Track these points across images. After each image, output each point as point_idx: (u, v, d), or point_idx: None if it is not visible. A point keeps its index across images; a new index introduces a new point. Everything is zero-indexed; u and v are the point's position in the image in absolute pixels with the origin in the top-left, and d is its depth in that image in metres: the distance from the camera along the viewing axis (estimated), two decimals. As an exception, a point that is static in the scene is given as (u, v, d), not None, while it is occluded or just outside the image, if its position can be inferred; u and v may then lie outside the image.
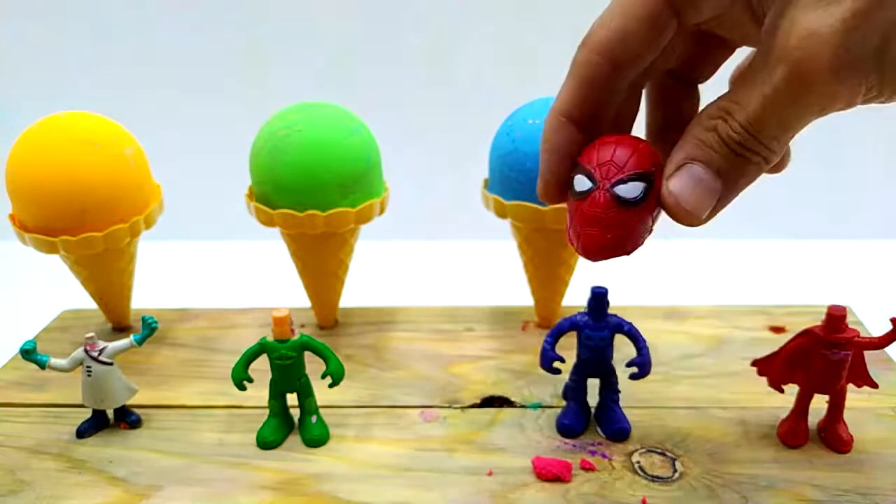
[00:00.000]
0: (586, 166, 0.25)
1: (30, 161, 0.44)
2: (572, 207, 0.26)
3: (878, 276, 0.66)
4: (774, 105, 0.21)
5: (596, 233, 0.25)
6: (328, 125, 0.45)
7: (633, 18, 0.23)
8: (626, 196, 0.24)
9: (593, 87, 0.24)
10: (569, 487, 0.37)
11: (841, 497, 0.35)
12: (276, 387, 0.41)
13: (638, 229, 0.25)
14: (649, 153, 0.25)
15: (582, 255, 0.26)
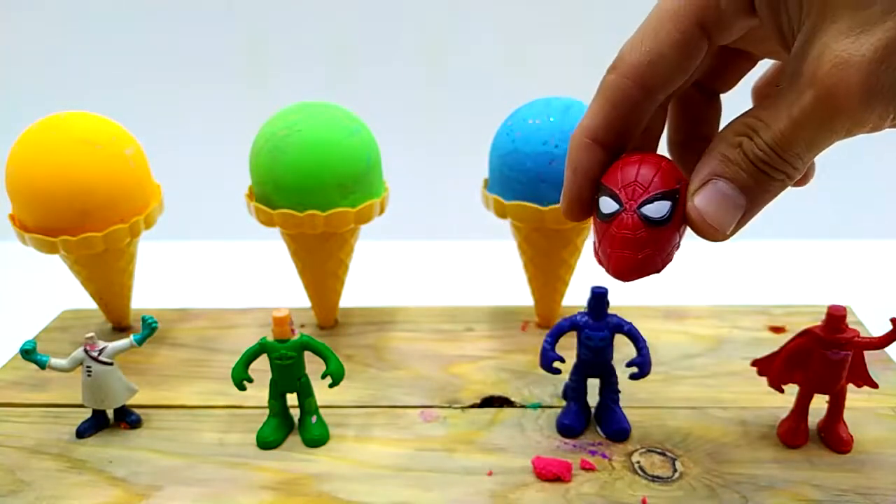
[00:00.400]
0: (611, 188, 0.25)
1: (30, 161, 0.44)
2: (600, 229, 0.26)
3: (878, 276, 0.67)
4: (802, 127, 0.21)
5: (627, 255, 0.25)
6: (328, 125, 0.45)
7: (664, 43, 0.23)
8: (653, 216, 0.24)
9: (623, 110, 0.24)
10: (569, 487, 0.37)
11: (841, 497, 0.35)
12: (276, 387, 0.41)
13: (667, 247, 0.25)
14: (672, 171, 0.25)
15: (614, 276, 0.26)
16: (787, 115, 0.21)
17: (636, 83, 0.24)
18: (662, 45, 0.23)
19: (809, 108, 0.20)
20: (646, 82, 0.24)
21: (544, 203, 0.45)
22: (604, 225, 0.25)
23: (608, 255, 0.26)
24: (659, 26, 0.23)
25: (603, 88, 0.25)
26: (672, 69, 0.23)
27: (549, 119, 0.44)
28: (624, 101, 0.24)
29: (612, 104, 0.24)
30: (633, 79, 0.24)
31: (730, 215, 0.23)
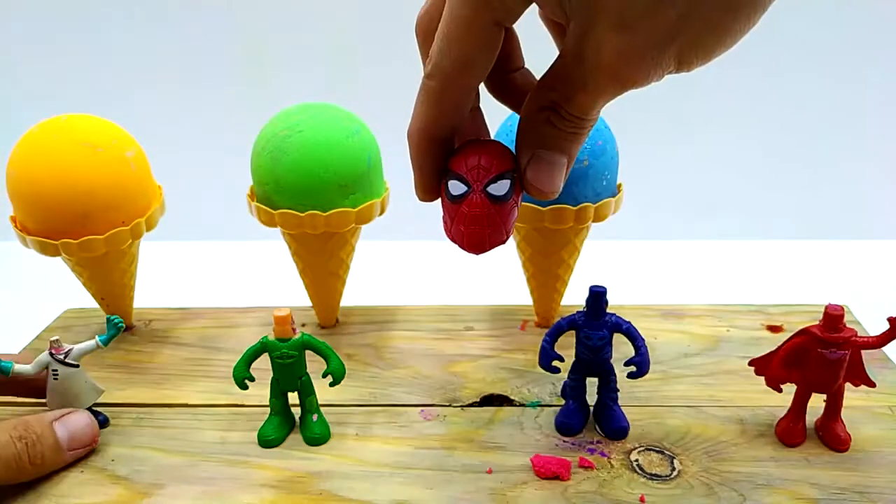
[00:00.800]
0: (459, 172, 0.28)
1: (30, 164, 0.44)
2: (451, 210, 0.29)
3: (876, 276, 0.67)
4: (596, 99, 0.25)
5: (479, 230, 0.28)
6: (329, 126, 0.45)
7: (470, 47, 0.25)
8: (496, 193, 0.28)
9: (448, 109, 0.28)
10: (567, 486, 0.37)
11: (838, 495, 0.36)
12: (278, 385, 0.41)
13: (509, 220, 0.29)
14: (506, 153, 0.29)
15: (468, 251, 0.29)
16: (584, 92, 0.25)
17: (454, 85, 0.27)
18: (468, 49, 0.25)
19: (601, 87, 0.25)
20: (463, 83, 0.27)
21: (543, 203, 0.45)
22: (454, 206, 0.29)
23: (461, 233, 0.29)
24: (460, 35, 0.25)
25: (426, 94, 0.27)
26: (482, 66, 0.26)
27: (549, 120, 0.45)
28: (447, 102, 0.27)
29: (438, 107, 0.27)
30: (451, 83, 0.27)
31: (557, 176, 0.28)
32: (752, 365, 0.40)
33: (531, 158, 0.27)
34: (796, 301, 0.55)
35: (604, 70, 0.24)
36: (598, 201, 0.45)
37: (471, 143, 0.29)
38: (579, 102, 0.26)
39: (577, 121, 0.26)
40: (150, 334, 0.53)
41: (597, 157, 0.44)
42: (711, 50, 0.24)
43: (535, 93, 0.27)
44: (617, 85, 0.25)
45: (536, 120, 0.27)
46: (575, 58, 0.24)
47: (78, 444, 0.38)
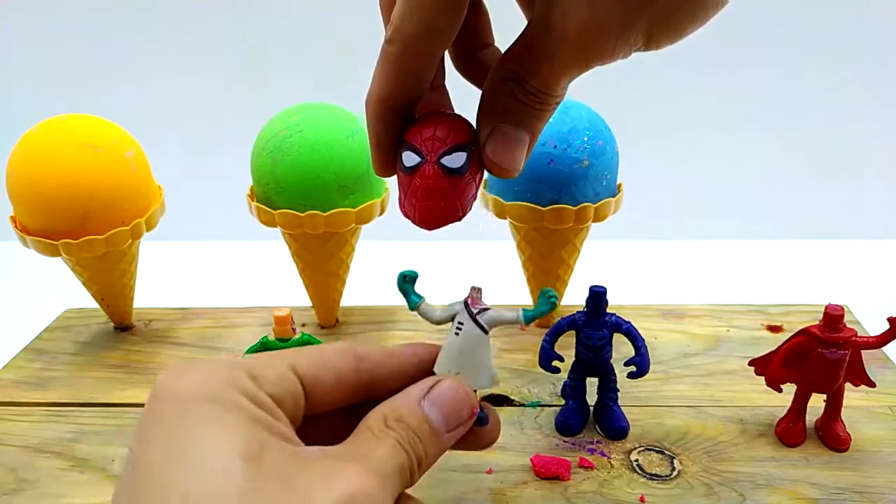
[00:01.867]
0: (413, 143, 0.27)
1: (31, 164, 0.44)
2: (404, 182, 0.28)
3: (876, 276, 0.67)
4: (562, 73, 0.24)
5: (430, 203, 0.27)
6: (329, 126, 0.45)
7: (432, 12, 0.24)
8: (451, 166, 0.26)
9: (408, 76, 0.26)
10: (567, 485, 0.37)
11: (838, 495, 0.36)
12: None
13: (466, 195, 0.27)
14: (465, 125, 0.27)
15: (420, 225, 0.28)
16: (548, 65, 0.24)
17: (415, 52, 0.25)
18: (431, 14, 0.24)
19: (567, 60, 0.24)
20: (424, 49, 0.25)
21: (543, 203, 0.45)
22: (407, 178, 0.27)
23: (413, 206, 0.27)
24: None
25: (385, 59, 0.26)
26: (445, 33, 0.25)
27: (549, 120, 0.45)
28: (407, 69, 0.26)
29: (398, 73, 0.26)
30: (412, 49, 0.25)
31: (518, 153, 0.26)
32: (752, 365, 0.40)
33: (492, 132, 0.26)
34: (796, 301, 0.55)
35: (569, 41, 0.23)
36: (598, 201, 0.45)
37: (429, 115, 0.28)
38: (544, 75, 0.25)
39: (542, 95, 0.25)
40: (150, 334, 0.53)
41: (597, 157, 0.44)
42: (682, 27, 0.23)
43: (499, 64, 0.26)
44: (581, 58, 0.24)
45: (499, 91, 0.26)
46: (541, 28, 0.24)
47: (456, 422, 0.28)
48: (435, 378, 0.29)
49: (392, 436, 0.25)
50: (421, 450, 0.26)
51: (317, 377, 0.26)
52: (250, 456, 0.21)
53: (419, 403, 0.27)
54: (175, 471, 0.21)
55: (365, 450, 0.25)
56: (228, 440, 0.21)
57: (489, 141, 0.26)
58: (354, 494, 0.22)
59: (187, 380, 0.23)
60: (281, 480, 0.21)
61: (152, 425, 0.22)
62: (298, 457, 0.23)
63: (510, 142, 0.26)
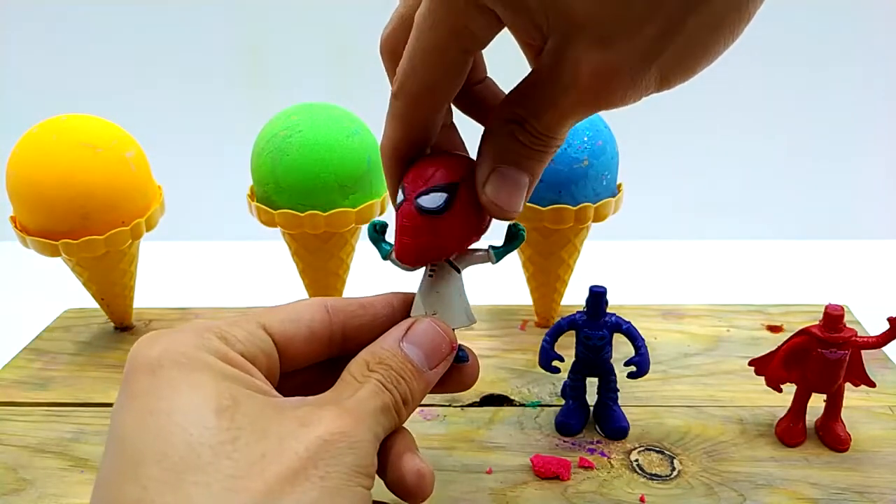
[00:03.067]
0: (403, 183, 0.28)
1: (30, 164, 0.44)
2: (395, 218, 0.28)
3: (876, 276, 0.67)
4: (567, 118, 0.24)
5: (407, 241, 0.28)
6: (329, 126, 0.45)
7: (436, 71, 0.25)
8: (427, 206, 0.27)
9: (415, 128, 0.27)
10: (567, 485, 0.37)
11: (838, 495, 0.36)
12: None
13: (451, 234, 0.28)
14: (455, 167, 0.27)
15: (398, 259, 0.29)
16: (554, 109, 0.24)
17: (420, 107, 0.26)
18: (435, 75, 0.25)
19: (574, 105, 0.24)
20: (429, 104, 0.26)
21: (543, 203, 0.45)
22: (396, 214, 0.28)
23: (395, 241, 0.28)
24: (426, 60, 0.24)
25: (393, 113, 0.27)
26: (448, 90, 0.26)
27: (549, 120, 0.45)
28: (414, 122, 0.27)
29: (405, 125, 0.27)
30: (416, 105, 0.26)
31: (517, 195, 0.26)
32: (752, 365, 0.40)
33: (491, 174, 0.26)
34: (796, 301, 0.55)
35: (579, 89, 0.23)
36: (598, 201, 0.45)
37: (431, 155, 0.28)
38: (548, 120, 0.24)
39: (545, 139, 0.25)
40: (150, 334, 0.53)
41: (597, 157, 0.45)
42: (693, 68, 0.23)
43: (502, 105, 0.26)
44: (591, 104, 0.24)
45: (501, 133, 0.26)
46: (549, 74, 0.23)
47: (437, 359, 0.29)
48: (411, 319, 0.29)
49: (374, 377, 0.26)
50: (405, 388, 0.27)
51: (288, 332, 0.28)
52: (222, 409, 0.22)
53: (399, 344, 0.28)
54: (149, 435, 0.21)
55: (346, 394, 0.26)
56: (199, 397, 0.22)
57: (489, 182, 0.26)
58: (330, 433, 0.23)
59: (156, 347, 0.24)
60: (255, 429, 0.22)
61: (125, 397, 0.23)
62: (274, 406, 0.24)
63: (510, 184, 0.26)
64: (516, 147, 0.25)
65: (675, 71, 0.23)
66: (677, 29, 0.21)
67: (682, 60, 0.23)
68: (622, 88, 0.23)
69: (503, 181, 0.26)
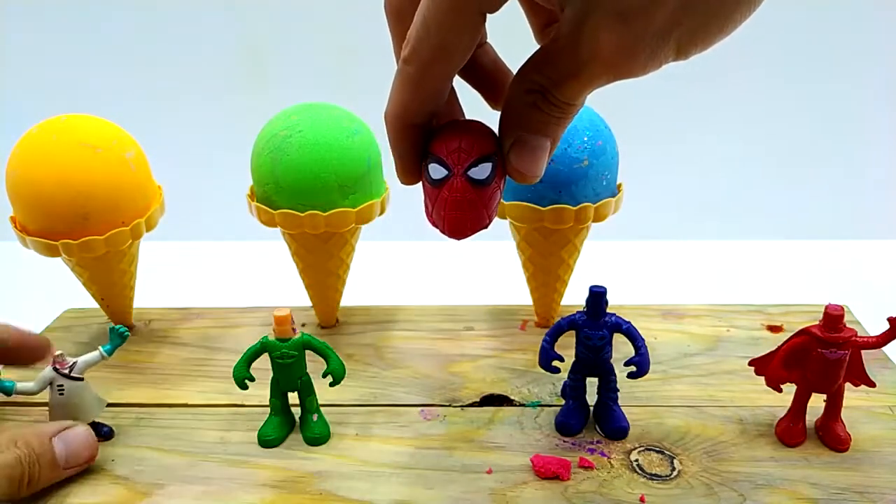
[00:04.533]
0: (440, 155, 0.27)
1: (30, 165, 0.44)
2: (432, 194, 0.28)
3: (876, 276, 0.67)
4: (587, 86, 0.25)
5: (460, 215, 0.27)
6: (329, 126, 0.45)
7: (451, 33, 0.24)
8: (478, 177, 0.27)
9: (427, 94, 0.27)
10: (567, 485, 0.37)
11: (838, 495, 0.36)
12: (278, 386, 0.41)
13: (491, 204, 0.28)
14: (488, 134, 0.28)
15: (449, 235, 0.28)
16: (575, 80, 0.25)
17: (432, 72, 0.26)
18: (450, 36, 0.24)
19: (595, 76, 0.24)
20: (443, 69, 0.26)
21: (543, 203, 0.45)
22: (435, 190, 0.28)
23: (443, 217, 0.28)
24: (442, 21, 0.24)
25: (404, 79, 0.26)
26: (462, 53, 0.25)
27: (549, 120, 0.45)
28: (425, 88, 0.27)
29: (416, 92, 0.27)
30: (429, 69, 0.26)
31: (541, 161, 0.27)
32: (752, 365, 0.40)
33: (515, 142, 0.27)
34: (796, 301, 0.55)
35: (600, 59, 0.23)
36: (598, 201, 0.45)
37: (452, 125, 0.28)
38: (570, 89, 0.25)
39: (565, 106, 0.26)
40: (150, 334, 0.53)
41: (597, 157, 0.44)
42: (712, 38, 0.24)
43: (522, 74, 0.26)
44: (611, 74, 0.24)
45: (522, 102, 0.26)
46: (569, 44, 0.24)
47: (75, 462, 0.37)
48: (71, 422, 0.38)
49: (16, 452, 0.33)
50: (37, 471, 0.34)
51: None
52: None
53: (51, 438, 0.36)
54: None
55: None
56: None
57: (513, 150, 0.27)
58: None
59: None
60: None
61: None
62: None
63: (534, 150, 0.27)
64: (538, 115, 0.26)
65: (693, 41, 0.23)
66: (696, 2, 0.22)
67: (699, 32, 0.23)
68: (642, 60, 0.23)
69: (527, 148, 0.26)
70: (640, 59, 0.23)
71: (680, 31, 0.23)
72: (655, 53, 0.23)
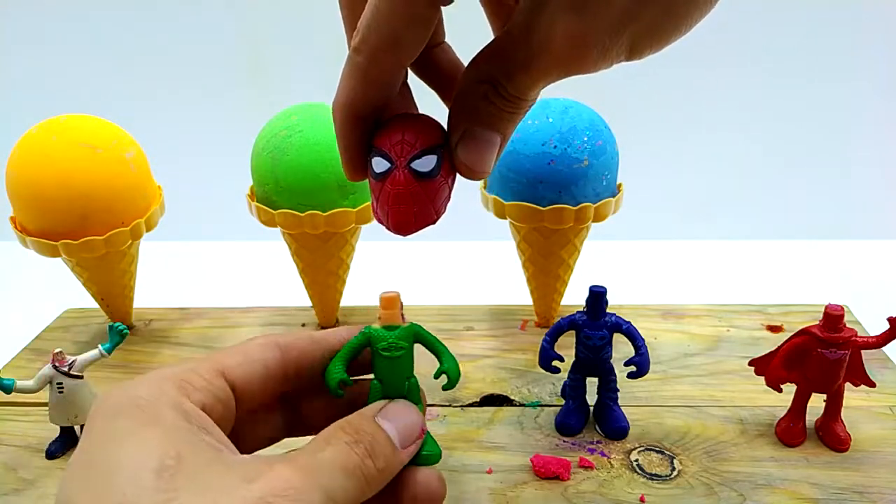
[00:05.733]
0: (382, 148, 0.27)
1: (30, 165, 0.44)
2: (376, 188, 0.27)
3: (876, 276, 0.67)
4: (538, 80, 0.24)
5: (403, 208, 0.26)
6: (329, 126, 0.45)
7: (402, 23, 0.24)
8: (422, 170, 0.26)
9: (376, 85, 0.26)
10: (567, 485, 0.37)
11: (838, 495, 0.36)
12: (380, 390, 0.30)
13: (438, 198, 0.27)
14: (434, 127, 0.27)
15: (394, 231, 0.27)
16: (526, 72, 0.24)
17: (382, 63, 0.25)
18: (400, 27, 0.24)
19: (546, 68, 0.24)
20: (392, 60, 0.25)
21: (543, 203, 0.45)
22: (378, 184, 0.27)
23: (387, 212, 0.27)
24: (392, 10, 0.24)
25: (353, 69, 0.26)
26: (414, 45, 0.25)
27: (548, 120, 0.45)
28: (374, 79, 0.26)
29: (364, 83, 0.26)
30: (380, 59, 0.25)
31: (489, 155, 0.26)
32: (752, 365, 0.40)
33: (463, 134, 0.26)
34: (796, 301, 0.55)
35: (552, 52, 0.23)
36: (598, 201, 0.45)
37: (396, 118, 0.27)
38: (521, 82, 0.24)
39: (516, 100, 0.25)
40: (150, 334, 0.53)
41: (597, 157, 0.45)
42: (666, 37, 0.23)
43: (473, 66, 0.25)
44: (562, 68, 0.24)
45: (473, 94, 0.25)
46: (522, 35, 0.23)
47: (408, 440, 0.29)
48: (385, 400, 0.29)
49: (344, 439, 0.26)
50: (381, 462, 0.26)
51: (245, 375, 0.27)
52: (164, 468, 0.21)
53: (374, 417, 0.28)
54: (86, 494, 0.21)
55: (305, 452, 0.25)
56: (142, 455, 0.22)
57: (461, 143, 0.26)
58: (272, 489, 0.22)
59: (118, 396, 0.24)
60: (194, 488, 0.21)
61: (78, 447, 0.23)
62: (222, 462, 0.23)
63: (482, 144, 0.26)
64: (488, 108, 0.25)
65: (648, 40, 0.23)
66: None
67: (654, 29, 0.23)
68: (593, 55, 0.23)
69: (475, 142, 0.26)
70: (591, 54, 0.23)
71: (634, 28, 0.22)
72: (608, 49, 0.23)
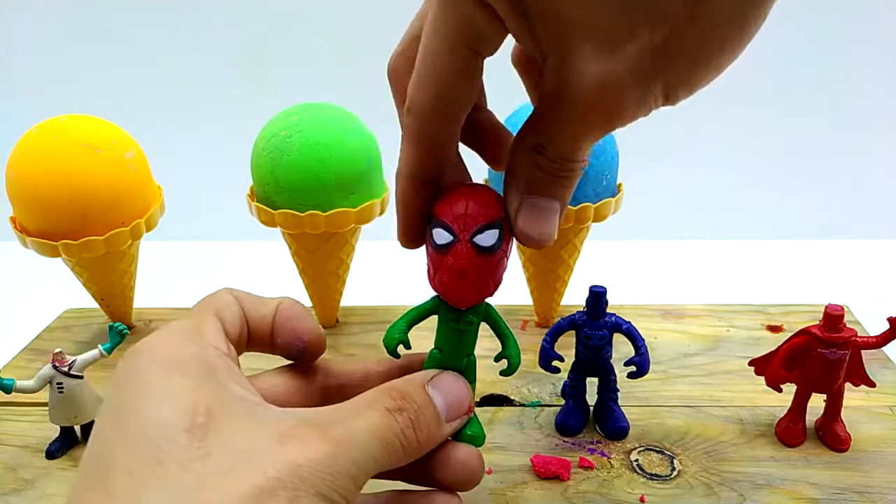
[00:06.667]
0: (444, 220, 0.26)
1: (30, 165, 0.44)
2: (435, 259, 0.27)
3: (876, 276, 0.67)
4: (581, 138, 0.24)
5: (465, 284, 0.26)
6: (329, 126, 0.45)
7: (446, 77, 0.24)
8: (484, 245, 0.26)
9: (431, 146, 0.26)
10: (567, 485, 0.37)
11: (838, 495, 0.36)
12: (438, 360, 0.30)
13: (497, 271, 0.27)
14: (495, 199, 0.27)
15: (452, 304, 0.28)
16: (569, 132, 0.23)
17: (435, 120, 0.25)
18: (446, 80, 0.24)
19: (583, 120, 0.23)
20: (442, 117, 0.25)
21: (543, 203, 0.45)
22: (439, 256, 0.27)
23: (445, 285, 0.27)
24: (436, 63, 0.24)
25: (407, 132, 0.26)
26: (460, 98, 0.25)
27: (548, 120, 0.45)
28: (430, 139, 0.26)
29: (420, 145, 0.26)
30: (430, 118, 0.25)
31: (550, 223, 0.26)
32: (752, 365, 0.40)
33: (521, 205, 0.25)
34: (796, 301, 0.55)
35: (585, 101, 0.22)
36: (598, 201, 0.45)
37: (457, 188, 0.27)
38: (562, 140, 0.24)
39: (564, 162, 0.25)
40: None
41: (597, 157, 0.44)
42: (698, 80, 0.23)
43: (519, 136, 0.25)
44: (600, 117, 0.23)
45: (523, 163, 0.25)
46: (555, 93, 0.23)
47: (455, 414, 0.28)
48: (436, 370, 0.29)
49: (388, 404, 0.25)
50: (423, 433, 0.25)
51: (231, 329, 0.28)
52: (196, 426, 0.21)
53: (425, 385, 0.27)
54: (120, 446, 0.21)
55: (341, 417, 0.24)
56: (174, 411, 0.22)
57: (519, 214, 0.26)
58: (306, 458, 0.21)
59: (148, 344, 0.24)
60: (227, 445, 0.21)
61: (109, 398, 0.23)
62: (255, 417, 0.23)
63: (541, 213, 0.26)
64: (540, 176, 0.25)
65: (680, 83, 0.22)
66: (678, 37, 0.21)
67: (686, 72, 0.22)
68: (630, 100, 0.22)
69: (534, 211, 0.25)
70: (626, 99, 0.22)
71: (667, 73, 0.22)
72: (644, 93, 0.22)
